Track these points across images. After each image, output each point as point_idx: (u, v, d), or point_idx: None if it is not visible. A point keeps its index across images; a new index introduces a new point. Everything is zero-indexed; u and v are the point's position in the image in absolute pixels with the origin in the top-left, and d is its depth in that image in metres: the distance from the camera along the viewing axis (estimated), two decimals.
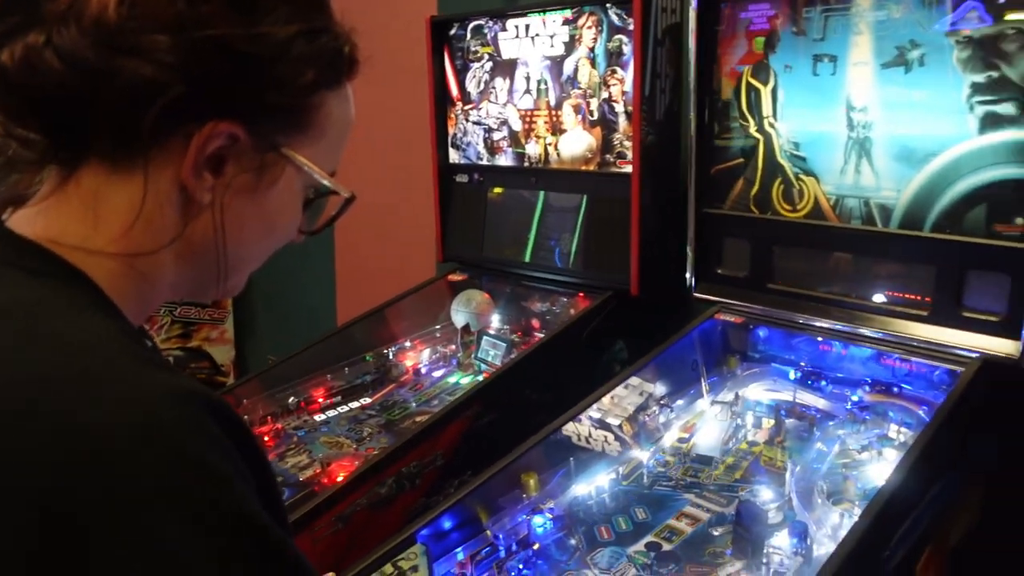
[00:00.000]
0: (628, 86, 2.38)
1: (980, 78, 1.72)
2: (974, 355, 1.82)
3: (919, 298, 1.92)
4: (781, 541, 1.60)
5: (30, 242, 0.70)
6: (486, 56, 2.78)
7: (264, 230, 0.80)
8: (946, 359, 1.87)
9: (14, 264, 0.68)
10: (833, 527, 1.60)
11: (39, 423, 0.57)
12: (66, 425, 0.57)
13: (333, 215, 0.87)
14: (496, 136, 2.80)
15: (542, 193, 2.72)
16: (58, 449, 0.56)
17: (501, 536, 1.66)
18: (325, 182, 0.80)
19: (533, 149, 2.69)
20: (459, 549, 1.65)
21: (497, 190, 2.89)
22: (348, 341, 2.77)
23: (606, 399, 2.03)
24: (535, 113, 2.66)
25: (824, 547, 1.58)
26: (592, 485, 1.86)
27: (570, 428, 1.95)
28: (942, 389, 1.90)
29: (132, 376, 0.61)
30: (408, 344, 2.85)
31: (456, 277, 2.99)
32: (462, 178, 2.97)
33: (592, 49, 2.46)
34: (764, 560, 1.55)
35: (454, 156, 2.98)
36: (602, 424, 1.99)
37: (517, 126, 2.72)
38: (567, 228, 2.65)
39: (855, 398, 2.01)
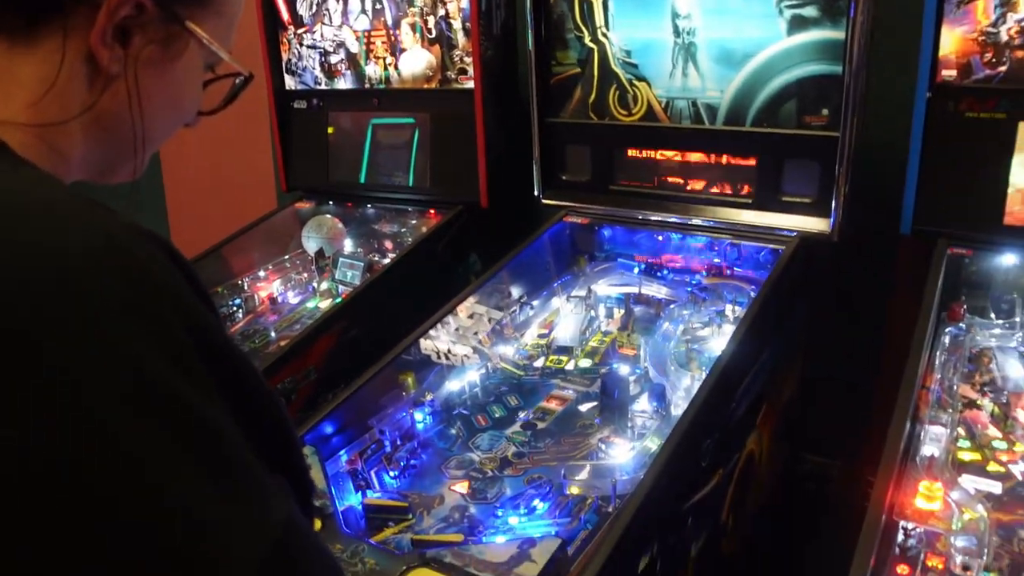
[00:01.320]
0: (465, 2, 2.44)
1: None
2: (793, 234, 2.05)
3: (744, 188, 2.13)
4: (643, 405, 1.78)
5: None
6: None
7: (170, 105, 0.83)
8: (769, 240, 2.10)
9: None
10: (686, 389, 1.79)
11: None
12: (28, 248, 0.58)
13: (230, 95, 0.90)
14: (333, 59, 2.79)
15: (386, 115, 2.75)
16: (20, 272, 0.56)
17: (386, 432, 1.74)
18: (225, 57, 0.84)
19: (373, 70, 2.70)
20: (345, 449, 1.72)
21: (331, 130, 2.88)
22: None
23: (463, 315, 2.12)
24: (372, 34, 2.67)
25: (679, 408, 1.77)
26: (464, 381, 1.97)
27: (428, 346, 2.01)
28: (768, 268, 2.13)
29: (89, 211, 0.64)
30: (262, 274, 2.82)
31: (303, 205, 2.98)
32: (300, 104, 2.95)
33: None
34: (630, 423, 1.72)
35: (290, 82, 2.94)
36: (461, 339, 2.07)
37: (354, 48, 2.73)
38: (413, 147, 2.70)
39: (694, 283, 2.21)
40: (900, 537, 1.38)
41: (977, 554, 1.31)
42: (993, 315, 1.93)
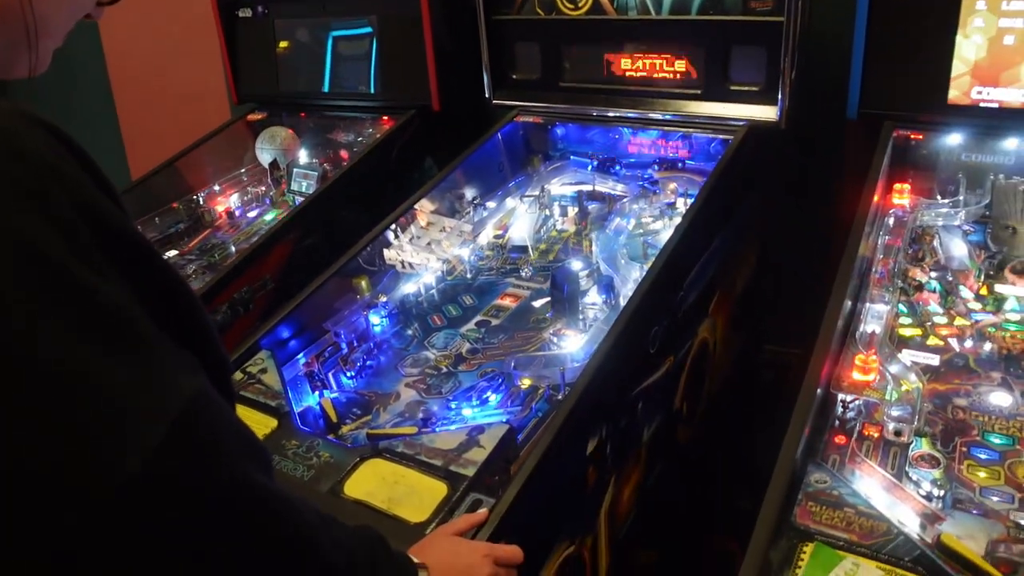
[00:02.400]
0: None
1: None
2: (742, 123, 2.05)
3: (693, 78, 2.12)
4: (592, 298, 1.80)
5: None
6: None
7: None
8: (719, 130, 2.10)
9: None
10: (635, 280, 1.82)
11: None
12: None
13: None
14: None
15: (333, 21, 2.68)
16: None
17: (342, 334, 1.76)
18: None
19: None
20: (303, 353, 1.74)
21: (283, 44, 2.81)
22: (150, 193, 2.68)
23: (421, 221, 2.12)
24: None
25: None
26: (419, 283, 1.99)
27: (391, 256, 2.01)
28: (718, 158, 2.13)
29: None
30: (217, 188, 2.80)
31: (255, 116, 2.93)
32: (245, 13, 2.87)
33: None
34: (581, 316, 1.75)
35: None
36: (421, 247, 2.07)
37: None
38: (362, 52, 2.65)
39: (646, 177, 2.22)
40: (839, 409, 1.43)
41: (909, 421, 1.36)
42: (939, 196, 1.96)
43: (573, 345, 1.69)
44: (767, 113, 2.02)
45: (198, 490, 0.65)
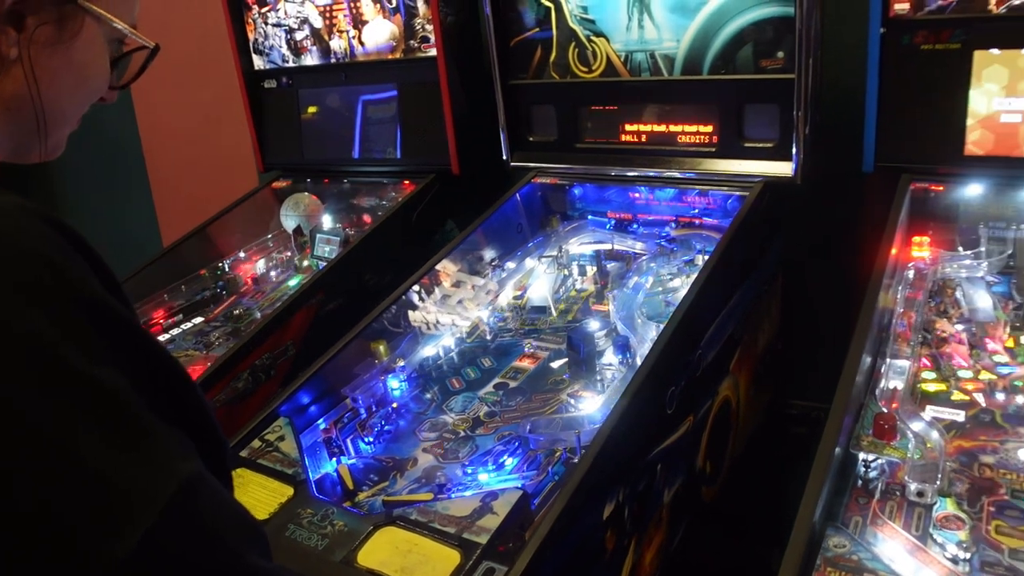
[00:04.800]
0: None
1: None
2: (757, 179, 2.06)
3: (707, 136, 2.13)
4: (609, 358, 1.80)
5: None
6: None
7: (75, 83, 0.84)
8: (735, 186, 2.10)
9: None
10: (653, 340, 1.81)
11: None
12: None
13: (140, 67, 0.92)
14: (299, 36, 2.79)
15: (355, 88, 2.75)
16: None
17: (360, 399, 1.77)
18: (125, 31, 0.85)
19: (338, 44, 2.70)
20: (323, 419, 1.75)
21: (312, 110, 2.89)
22: (180, 260, 2.74)
23: (447, 283, 2.13)
24: (334, 7, 2.66)
25: None
26: (439, 346, 2.00)
27: (417, 318, 2.04)
28: (734, 215, 2.13)
29: None
30: (243, 255, 2.85)
31: (280, 184, 2.99)
32: (270, 84, 2.95)
33: None
34: (598, 377, 1.75)
35: (259, 62, 2.94)
36: (447, 308, 2.09)
37: (318, 23, 2.72)
38: (385, 120, 2.71)
39: (663, 235, 2.22)
40: (860, 469, 1.40)
41: (932, 480, 1.33)
42: (960, 247, 1.94)
43: (591, 407, 1.68)
44: (783, 169, 2.02)
45: (191, 572, 0.66)
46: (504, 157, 2.42)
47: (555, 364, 1.88)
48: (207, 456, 0.73)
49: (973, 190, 1.91)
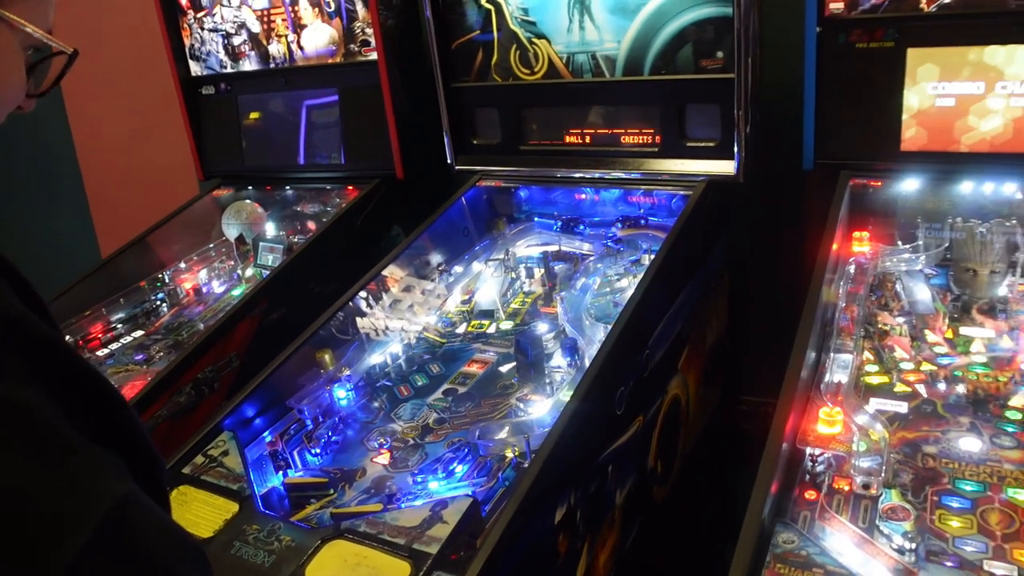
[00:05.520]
0: None
1: None
2: (701, 179, 2.07)
3: (650, 137, 2.14)
4: (558, 361, 1.79)
5: None
6: None
7: None
8: (679, 186, 2.11)
9: None
10: (600, 341, 1.80)
11: None
12: None
13: (58, 74, 0.88)
14: (236, 41, 2.74)
15: (299, 93, 2.71)
16: None
17: (306, 410, 1.74)
18: (41, 37, 0.82)
19: (276, 49, 2.66)
20: (269, 431, 1.71)
21: (254, 115, 2.84)
22: (118, 272, 2.67)
23: (395, 289, 2.11)
24: (272, 12, 2.62)
25: None
26: (386, 354, 1.97)
27: (365, 324, 2.01)
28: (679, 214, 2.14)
29: None
30: (184, 266, 2.78)
31: (221, 192, 2.93)
32: (208, 90, 2.89)
33: None
34: (547, 380, 1.74)
35: (196, 68, 2.88)
36: (396, 313, 2.06)
37: (256, 28, 2.68)
38: (329, 125, 2.67)
39: (609, 235, 2.22)
40: (808, 463, 1.41)
41: (877, 473, 1.34)
42: (899, 241, 1.97)
43: (540, 410, 1.67)
44: (725, 168, 2.04)
45: None
46: (449, 161, 2.40)
47: (504, 368, 1.87)
48: (141, 476, 0.70)
49: (910, 185, 1.95)
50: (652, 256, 2.08)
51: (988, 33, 1.74)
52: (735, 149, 2.00)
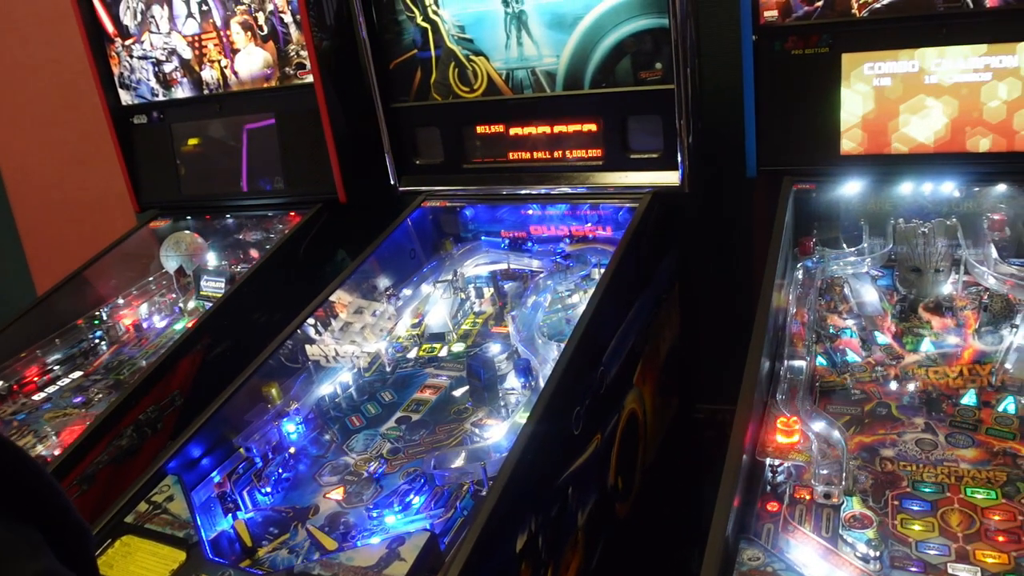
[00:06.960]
0: None
1: None
2: (646, 190, 2.06)
3: (594, 150, 2.12)
4: (512, 382, 1.76)
5: None
6: None
7: None
8: (625, 198, 2.10)
9: None
10: (554, 359, 1.78)
11: None
12: None
13: None
14: (167, 68, 2.66)
15: (238, 119, 2.64)
16: None
17: (254, 448, 1.68)
18: None
19: (210, 75, 2.60)
20: (216, 471, 1.65)
21: (192, 142, 2.76)
22: (54, 311, 2.57)
23: (344, 314, 2.06)
24: (203, 37, 2.55)
25: None
26: (335, 383, 1.92)
27: (315, 352, 1.96)
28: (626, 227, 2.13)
29: None
30: (122, 301, 2.69)
31: (158, 223, 2.85)
32: (140, 119, 2.81)
33: None
34: (502, 403, 1.70)
35: (126, 97, 2.80)
36: (346, 337, 2.01)
37: (187, 54, 2.61)
38: (265, 149, 2.61)
39: (558, 251, 2.20)
40: (768, 475, 1.40)
41: (837, 481, 1.34)
42: (844, 244, 1.98)
43: (496, 434, 1.63)
44: (670, 178, 2.03)
45: None
46: (392, 182, 2.36)
47: (457, 392, 1.83)
48: (63, 546, 0.65)
49: (851, 188, 1.96)
50: (602, 270, 2.07)
51: (919, 36, 1.77)
52: (679, 159, 2.00)
